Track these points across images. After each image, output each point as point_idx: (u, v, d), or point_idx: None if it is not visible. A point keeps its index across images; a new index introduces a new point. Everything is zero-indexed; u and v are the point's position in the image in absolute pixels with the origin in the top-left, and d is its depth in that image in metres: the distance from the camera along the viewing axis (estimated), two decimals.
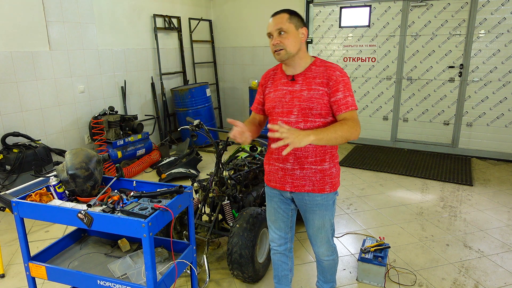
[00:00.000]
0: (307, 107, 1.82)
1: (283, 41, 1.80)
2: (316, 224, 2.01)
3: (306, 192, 1.93)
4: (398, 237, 3.24)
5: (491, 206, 3.81)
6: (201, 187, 2.90)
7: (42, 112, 4.31)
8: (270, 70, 2.04)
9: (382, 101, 5.85)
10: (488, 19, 4.91)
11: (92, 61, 4.85)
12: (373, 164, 5.14)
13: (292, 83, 1.88)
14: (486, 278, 2.67)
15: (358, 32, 5.77)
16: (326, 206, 1.97)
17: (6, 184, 3.71)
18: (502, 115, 5.08)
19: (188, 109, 5.81)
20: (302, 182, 1.92)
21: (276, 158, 1.96)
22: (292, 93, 1.87)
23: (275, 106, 1.91)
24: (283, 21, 1.80)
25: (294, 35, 1.81)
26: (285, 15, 1.81)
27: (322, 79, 1.82)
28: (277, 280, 2.28)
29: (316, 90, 1.82)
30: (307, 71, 1.87)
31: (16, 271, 2.82)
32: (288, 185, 1.95)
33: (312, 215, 2.00)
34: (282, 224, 2.11)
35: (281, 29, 1.79)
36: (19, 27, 3.98)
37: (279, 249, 2.17)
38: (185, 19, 6.33)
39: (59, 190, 1.99)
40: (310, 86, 1.84)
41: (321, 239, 2.05)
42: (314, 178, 1.90)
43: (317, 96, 1.81)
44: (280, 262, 2.21)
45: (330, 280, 2.30)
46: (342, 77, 1.81)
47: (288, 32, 1.80)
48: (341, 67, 1.89)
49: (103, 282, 1.78)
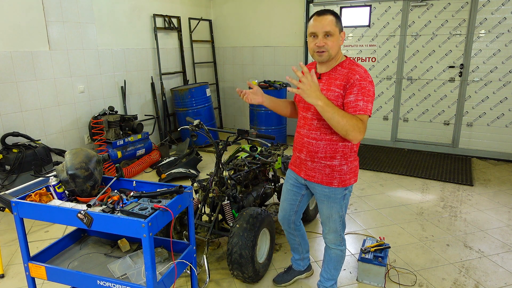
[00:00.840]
0: None
1: (328, 43, 1.87)
2: (325, 213, 2.16)
3: (315, 183, 2.09)
4: (398, 237, 3.24)
5: (492, 206, 3.81)
6: (201, 187, 2.90)
7: (42, 112, 4.31)
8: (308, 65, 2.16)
9: (382, 101, 5.84)
10: (488, 19, 4.91)
11: (92, 61, 4.84)
12: (373, 164, 5.13)
13: (318, 81, 1.93)
14: (487, 278, 2.67)
15: (358, 32, 5.77)
16: (333, 199, 2.09)
17: (6, 184, 3.71)
18: (503, 115, 5.08)
19: (188, 109, 5.80)
20: (313, 173, 2.08)
21: (296, 147, 2.18)
22: None
23: (300, 101, 2.09)
24: (331, 24, 1.86)
25: (337, 38, 1.90)
26: (333, 18, 1.87)
27: (342, 81, 1.89)
28: (292, 249, 2.61)
29: (333, 91, 1.90)
30: (332, 71, 1.95)
31: (15, 271, 2.82)
32: (303, 172, 2.15)
33: (321, 204, 2.16)
34: (288, 207, 2.34)
35: (329, 32, 1.86)
36: (19, 27, 3.97)
37: (284, 226, 2.45)
38: (185, 19, 6.33)
39: (58, 190, 1.98)
40: (329, 86, 1.92)
41: (329, 228, 2.19)
42: (323, 172, 2.04)
43: (332, 97, 1.89)
44: (289, 237, 2.52)
45: (332, 277, 2.34)
46: (360, 81, 1.84)
47: (334, 35, 1.87)
48: (366, 71, 1.90)
49: (103, 282, 1.78)
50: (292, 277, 2.63)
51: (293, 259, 2.65)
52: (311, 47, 1.92)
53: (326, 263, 2.35)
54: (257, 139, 2.84)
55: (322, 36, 1.87)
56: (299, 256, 2.61)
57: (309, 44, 1.94)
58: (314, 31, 1.88)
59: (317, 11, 1.91)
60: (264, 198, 3.24)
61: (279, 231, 3.32)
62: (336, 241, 2.23)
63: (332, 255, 2.28)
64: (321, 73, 1.99)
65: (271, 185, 3.38)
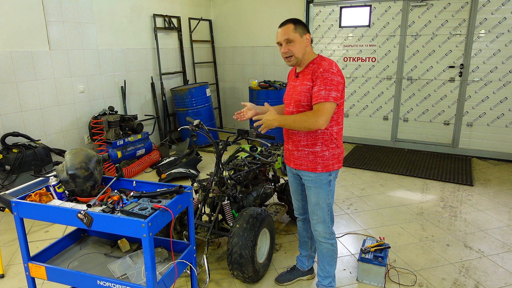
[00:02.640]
0: (298, 99, 2.15)
1: (291, 49, 2.11)
2: (312, 200, 2.27)
3: (302, 170, 2.25)
4: (398, 237, 3.24)
5: (492, 206, 3.81)
6: (201, 187, 2.90)
7: (42, 112, 4.31)
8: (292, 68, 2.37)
9: (382, 101, 5.84)
10: (488, 19, 4.91)
11: (92, 61, 4.84)
12: (373, 164, 5.13)
13: (296, 79, 2.24)
14: (487, 278, 2.67)
15: (358, 32, 5.77)
16: (319, 184, 2.22)
17: (6, 184, 3.71)
18: (503, 115, 5.08)
19: (188, 109, 5.80)
20: (299, 161, 2.25)
21: (285, 140, 2.36)
22: (294, 88, 2.22)
23: (285, 98, 2.32)
24: (289, 31, 2.10)
25: (300, 42, 2.11)
26: (291, 26, 2.10)
27: (310, 75, 2.11)
28: (300, 244, 2.67)
29: (305, 85, 2.12)
30: (306, 68, 2.17)
31: (15, 271, 2.82)
32: (292, 162, 2.31)
33: (309, 191, 2.28)
34: (298, 196, 2.48)
35: (288, 39, 2.10)
36: (19, 27, 3.97)
37: (299, 217, 2.55)
38: (185, 19, 6.33)
39: (58, 190, 1.99)
40: (303, 81, 2.15)
41: (318, 216, 2.28)
42: (308, 159, 2.21)
43: (304, 90, 2.12)
44: (301, 229, 2.59)
45: (329, 273, 2.39)
46: (322, 73, 2.04)
47: (294, 41, 2.10)
48: (330, 64, 2.10)
49: (103, 282, 1.78)
50: (295, 277, 2.65)
51: (299, 256, 2.68)
52: (281, 55, 2.17)
53: (320, 261, 2.41)
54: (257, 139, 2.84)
55: (285, 44, 2.12)
56: (306, 253, 2.64)
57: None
58: (277, 41, 2.16)
59: (281, 23, 2.15)
60: (264, 198, 3.24)
61: (279, 231, 3.32)
62: (325, 234, 2.30)
63: (323, 250, 2.35)
64: (298, 72, 2.22)
65: (271, 185, 3.38)
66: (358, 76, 5.93)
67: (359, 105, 6.02)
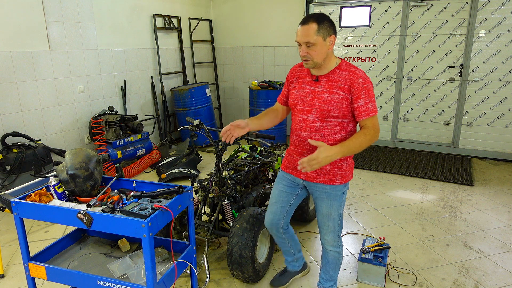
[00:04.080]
0: (326, 109, 1.93)
1: (311, 53, 1.89)
2: (324, 212, 2.12)
3: (317, 183, 2.08)
4: (398, 237, 3.24)
5: (492, 206, 3.81)
6: (201, 187, 2.90)
7: (42, 112, 4.31)
8: (297, 66, 2.15)
9: (382, 101, 5.84)
10: (488, 19, 4.90)
11: (92, 61, 4.84)
12: (373, 164, 5.13)
13: (316, 83, 1.99)
14: (487, 278, 2.67)
15: (358, 32, 5.77)
16: (334, 196, 2.08)
17: (6, 184, 3.70)
18: (503, 115, 5.08)
19: (188, 109, 5.80)
20: (314, 174, 2.06)
21: (295, 151, 2.13)
22: (314, 93, 1.98)
23: (297, 104, 2.05)
24: (310, 33, 1.85)
25: (322, 46, 1.88)
26: (314, 26, 1.85)
27: (344, 84, 1.91)
28: (283, 252, 2.53)
29: (337, 94, 1.92)
30: (331, 74, 1.96)
31: (15, 271, 2.82)
32: (303, 174, 2.11)
33: (321, 202, 2.12)
34: (278, 209, 2.25)
35: (309, 42, 1.87)
36: (19, 27, 3.97)
37: (271, 230, 2.35)
38: (185, 19, 6.32)
39: (58, 190, 1.98)
40: (332, 89, 1.93)
41: (328, 227, 2.16)
42: (325, 170, 2.04)
43: (337, 100, 1.91)
44: (279, 240, 2.41)
45: (332, 278, 2.33)
46: (364, 84, 1.89)
47: (316, 44, 1.87)
48: (364, 73, 1.95)
49: (103, 282, 1.78)
50: (289, 279, 2.58)
51: (286, 261, 2.59)
52: (300, 54, 1.95)
53: (324, 265, 2.33)
54: (257, 139, 2.84)
55: (304, 46, 1.89)
56: (292, 258, 2.55)
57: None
58: (297, 40, 1.92)
59: (304, 18, 1.91)
60: (264, 198, 3.24)
61: None
62: (334, 242, 2.20)
63: (329, 257, 2.26)
64: (318, 75, 1.99)
65: (271, 185, 3.38)
66: None
67: None
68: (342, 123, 1.96)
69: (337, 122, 1.95)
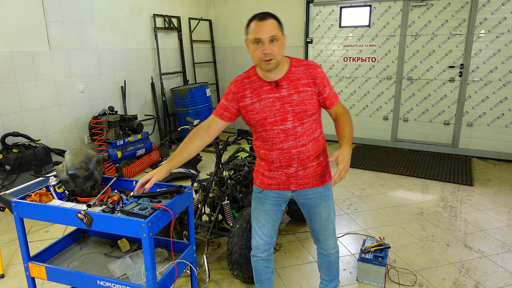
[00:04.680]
0: (302, 110, 1.82)
1: (275, 50, 1.72)
2: (324, 217, 2.02)
3: (309, 188, 1.97)
4: (398, 237, 3.24)
5: (492, 206, 3.81)
6: (201, 187, 2.90)
7: (42, 112, 4.31)
8: (242, 78, 1.90)
9: (382, 101, 5.84)
10: (488, 19, 4.90)
11: (92, 61, 4.84)
12: (373, 164, 5.13)
13: (278, 89, 1.82)
14: (487, 278, 2.67)
15: (358, 32, 5.77)
16: (328, 196, 2.02)
17: (6, 184, 3.71)
18: (503, 115, 5.08)
19: (188, 109, 5.80)
20: (306, 180, 1.95)
21: (279, 166, 1.92)
22: (281, 99, 1.82)
23: (267, 117, 1.83)
24: (274, 27, 1.72)
25: (282, 42, 1.77)
26: (275, 22, 1.74)
27: (307, 79, 1.83)
28: (260, 284, 2.22)
29: (305, 91, 1.82)
30: (289, 74, 1.83)
31: (15, 271, 2.82)
32: (292, 185, 1.96)
33: (317, 209, 2.01)
34: (270, 228, 2.07)
35: (274, 36, 1.71)
36: (19, 27, 3.97)
37: (262, 256, 2.11)
38: (185, 19, 6.32)
39: (58, 190, 1.99)
40: (298, 88, 1.82)
41: (329, 231, 2.08)
42: (316, 173, 1.95)
43: (307, 97, 1.82)
44: (263, 267, 2.15)
45: (335, 276, 2.28)
46: (322, 72, 1.88)
47: (279, 40, 1.73)
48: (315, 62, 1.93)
49: (103, 282, 1.78)
50: None
51: None
52: (256, 55, 1.74)
53: (326, 268, 2.23)
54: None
55: (268, 43, 1.71)
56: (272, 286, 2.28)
57: (253, 52, 1.75)
58: (258, 37, 1.70)
59: (258, 15, 1.75)
60: None
61: (279, 231, 3.32)
62: (334, 244, 2.13)
63: (332, 260, 2.18)
64: (276, 80, 1.82)
65: None
66: (358, 76, 5.92)
67: (359, 105, 6.02)
68: (316, 119, 1.91)
69: (313, 119, 1.88)
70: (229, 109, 1.91)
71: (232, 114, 1.92)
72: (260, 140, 1.94)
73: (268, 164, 1.96)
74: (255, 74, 1.88)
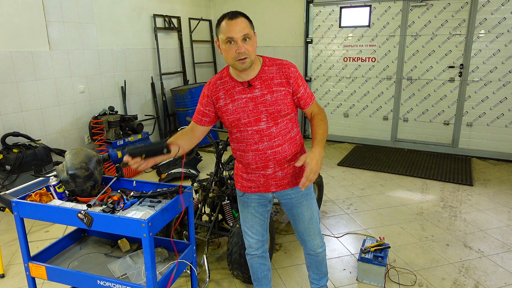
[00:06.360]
0: (275, 110, 1.79)
1: (249, 48, 1.69)
2: (306, 216, 2.01)
3: (289, 189, 1.95)
4: (398, 237, 3.24)
5: (491, 206, 3.81)
6: (201, 187, 2.90)
7: (42, 112, 4.31)
8: (215, 80, 1.87)
9: (382, 101, 5.84)
10: (488, 19, 4.91)
11: (92, 61, 4.85)
12: (373, 164, 5.13)
13: (250, 89, 1.79)
14: (486, 278, 2.67)
15: (358, 32, 5.77)
16: (309, 195, 2.00)
17: (6, 184, 3.71)
18: (502, 115, 5.08)
19: (188, 109, 5.81)
20: (285, 180, 1.93)
21: (255, 168, 1.90)
22: (254, 100, 1.79)
23: (240, 118, 1.81)
24: (246, 26, 1.69)
25: (254, 41, 1.75)
26: (246, 20, 1.71)
27: (280, 79, 1.80)
28: (258, 283, 2.24)
29: (278, 91, 1.79)
30: (261, 73, 1.80)
31: (16, 271, 2.82)
32: (272, 187, 1.94)
33: (300, 209, 2.00)
34: (259, 228, 2.08)
35: (247, 35, 1.69)
36: (19, 27, 3.97)
37: (257, 253, 2.13)
38: (185, 19, 6.33)
39: (59, 190, 1.99)
40: (271, 88, 1.79)
41: (314, 230, 2.06)
42: (294, 172, 1.92)
43: (281, 97, 1.79)
44: (259, 265, 2.18)
45: (325, 273, 2.27)
46: (296, 71, 1.84)
47: (251, 38, 1.71)
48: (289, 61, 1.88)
49: (103, 282, 1.78)
50: None
51: None
52: (230, 55, 1.70)
53: (314, 267, 2.22)
54: None
55: (241, 42, 1.67)
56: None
57: (226, 52, 1.71)
58: (231, 35, 1.66)
59: (228, 14, 1.71)
60: None
61: (279, 231, 3.32)
62: (321, 242, 2.11)
63: (320, 259, 2.16)
64: (248, 80, 1.79)
65: None
66: (358, 76, 5.93)
67: (359, 105, 6.02)
68: (292, 118, 1.87)
69: (288, 119, 1.85)
70: (207, 114, 1.89)
71: (211, 118, 1.90)
72: (235, 141, 1.92)
73: (245, 166, 1.94)
74: (228, 75, 1.85)
